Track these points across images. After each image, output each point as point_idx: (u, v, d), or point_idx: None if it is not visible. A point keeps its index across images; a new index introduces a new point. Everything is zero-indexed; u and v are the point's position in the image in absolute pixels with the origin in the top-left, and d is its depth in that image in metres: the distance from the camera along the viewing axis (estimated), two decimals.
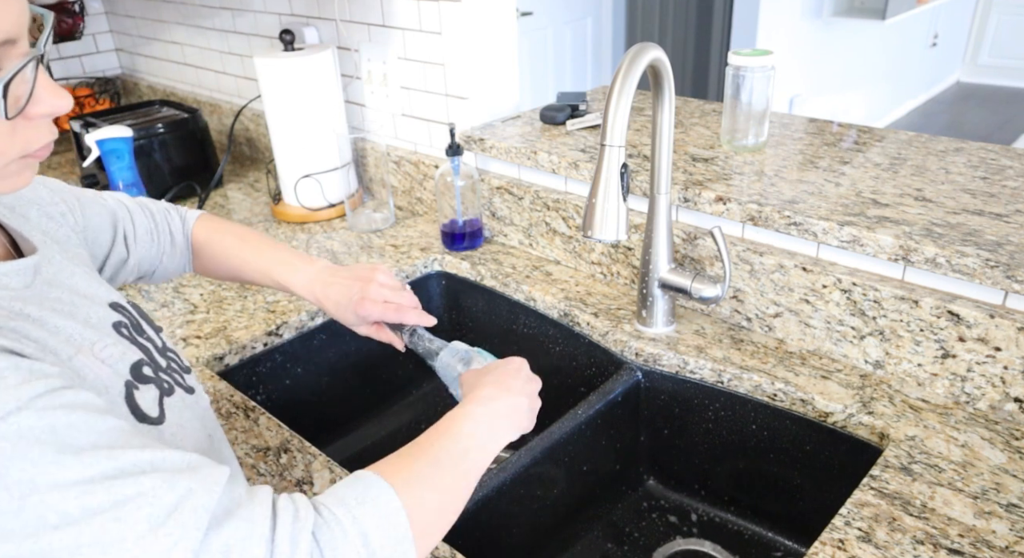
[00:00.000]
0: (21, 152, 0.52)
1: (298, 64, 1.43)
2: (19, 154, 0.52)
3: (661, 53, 0.88)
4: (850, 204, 0.98)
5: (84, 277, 0.65)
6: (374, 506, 0.54)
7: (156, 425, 0.59)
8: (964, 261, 0.85)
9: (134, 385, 0.58)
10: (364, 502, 0.54)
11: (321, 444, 1.24)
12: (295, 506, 0.52)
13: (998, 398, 0.87)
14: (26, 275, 0.58)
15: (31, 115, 0.51)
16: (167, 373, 0.64)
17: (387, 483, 0.56)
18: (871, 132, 1.24)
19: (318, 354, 1.23)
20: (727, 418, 1.01)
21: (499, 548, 0.93)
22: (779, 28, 3.54)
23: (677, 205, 1.09)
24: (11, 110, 0.50)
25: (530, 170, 1.31)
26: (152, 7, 2.13)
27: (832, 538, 0.73)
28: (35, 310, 0.55)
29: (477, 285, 1.31)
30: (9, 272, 0.56)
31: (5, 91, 0.48)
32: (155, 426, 0.58)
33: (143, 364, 0.61)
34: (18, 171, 0.53)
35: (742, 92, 1.14)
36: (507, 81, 1.42)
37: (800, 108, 3.80)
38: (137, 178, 1.30)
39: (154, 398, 0.59)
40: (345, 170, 1.53)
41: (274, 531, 0.49)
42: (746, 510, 1.06)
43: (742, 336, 1.05)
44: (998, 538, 0.72)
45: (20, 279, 0.57)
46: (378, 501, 0.54)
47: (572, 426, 0.97)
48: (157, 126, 1.67)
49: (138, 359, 0.61)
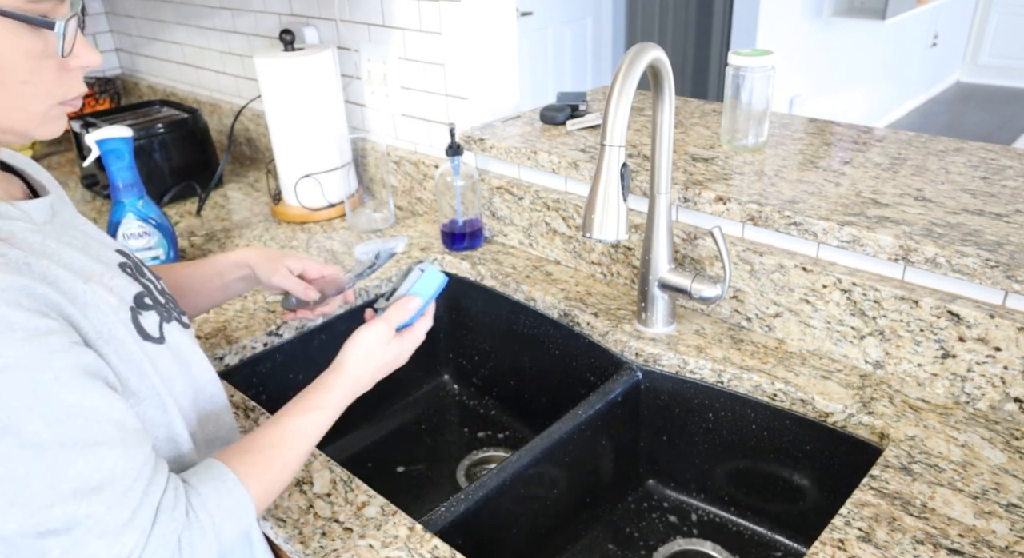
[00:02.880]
0: (62, 98, 0.62)
1: (298, 64, 1.43)
2: (60, 99, 0.62)
3: (661, 53, 0.88)
4: (850, 204, 0.98)
5: (93, 228, 0.74)
6: (231, 509, 0.64)
7: (158, 344, 0.67)
8: (964, 261, 0.85)
9: (138, 311, 0.67)
10: (222, 506, 0.63)
11: (321, 444, 1.23)
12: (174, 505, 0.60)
13: (998, 398, 0.87)
14: (46, 212, 0.66)
15: (71, 66, 0.61)
16: (165, 308, 0.72)
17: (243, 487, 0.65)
18: (871, 132, 1.24)
19: (318, 354, 1.23)
20: (727, 418, 1.01)
21: (499, 548, 0.93)
22: (779, 28, 3.54)
23: (677, 205, 1.09)
24: (67, 49, 0.59)
25: (530, 170, 1.31)
26: (152, 7, 2.13)
27: (832, 538, 0.73)
28: (54, 244, 0.62)
29: (477, 285, 1.31)
30: (32, 209, 0.64)
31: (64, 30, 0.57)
32: (157, 344, 0.67)
33: (144, 295, 0.69)
34: (57, 116, 0.63)
35: (742, 92, 1.14)
36: (507, 81, 1.42)
37: (800, 108, 3.80)
38: (137, 178, 1.29)
39: (155, 322, 0.68)
40: (345, 170, 1.53)
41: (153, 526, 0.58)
42: (746, 510, 1.06)
43: (742, 336, 1.05)
44: (998, 538, 0.72)
45: (42, 215, 0.65)
46: (235, 504, 0.64)
47: (572, 426, 0.97)
48: (157, 126, 1.67)
49: (140, 291, 0.69)
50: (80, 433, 0.55)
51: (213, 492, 0.64)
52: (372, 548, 0.77)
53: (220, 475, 0.65)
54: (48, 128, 0.62)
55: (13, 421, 0.52)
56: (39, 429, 0.53)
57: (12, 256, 0.57)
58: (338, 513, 0.82)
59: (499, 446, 1.29)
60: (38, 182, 0.71)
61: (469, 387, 1.41)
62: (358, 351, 0.80)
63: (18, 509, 0.53)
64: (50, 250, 0.62)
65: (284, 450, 0.71)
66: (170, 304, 0.74)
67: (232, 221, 1.58)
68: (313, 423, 0.74)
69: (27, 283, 0.55)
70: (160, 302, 0.72)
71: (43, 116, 0.61)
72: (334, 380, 0.77)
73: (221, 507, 0.63)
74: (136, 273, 0.72)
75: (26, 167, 0.72)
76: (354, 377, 0.79)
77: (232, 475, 0.66)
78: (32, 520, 0.53)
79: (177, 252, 1.37)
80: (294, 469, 0.71)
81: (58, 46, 0.58)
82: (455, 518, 0.83)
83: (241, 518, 0.65)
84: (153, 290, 0.72)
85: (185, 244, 1.47)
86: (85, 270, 0.63)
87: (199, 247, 1.46)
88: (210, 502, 0.63)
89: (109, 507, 0.56)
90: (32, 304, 0.55)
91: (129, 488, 0.57)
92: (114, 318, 0.63)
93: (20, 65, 0.57)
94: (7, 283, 0.54)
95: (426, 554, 0.75)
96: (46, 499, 0.53)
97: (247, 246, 1.12)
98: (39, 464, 0.53)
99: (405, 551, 0.76)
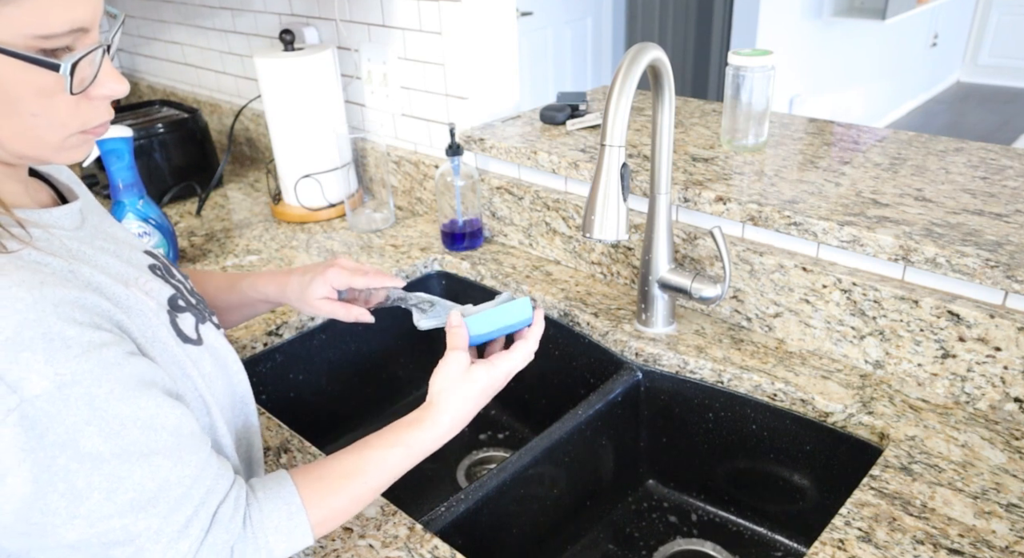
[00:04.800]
0: (81, 128, 0.60)
1: (298, 64, 1.43)
2: (79, 129, 0.60)
3: (661, 53, 0.88)
4: (850, 204, 0.98)
5: (121, 229, 0.74)
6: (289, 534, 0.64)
7: (196, 345, 0.67)
8: (964, 261, 0.85)
9: (174, 314, 0.67)
10: (281, 531, 0.63)
11: (321, 444, 1.23)
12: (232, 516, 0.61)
13: (998, 398, 0.87)
14: (75, 217, 0.65)
15: (93, 96, 0.59)
16: (197, 309, 0.72)
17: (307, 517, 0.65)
18: (871, 132, 1.24)
19: (318, 354, 1.23)
20: (727, 418, 1.01)
21: (499, 548, 0.93)
22: (779, 28, 3.54)
23: (677, 205, 1.09)
24: (76, 87, 0.57)
25: (530, 170, 1.31)
26: (152, 7, 2.13)
27: (832, 538, 0.73)
28: (88, 249, 0.63)
29: (477, 285, 1.31)
30: (62, 216, 0.64)
31: (72, 70, 0.56)
32: (196, 346, 0.67)
33: (177, 298, 0.69)
34: (77, 145, 0.61)
35: (742, 92, 1.14)
36: (507, 81, 1.42)
37: (800, 108, 3.80)
38: (137, 178, 1.29)
39: (192, 324, 0.68)
40: (345, 170, 1.53)
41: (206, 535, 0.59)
42: (746, 510, 1.06)
43: (742, 336, 1.05)
44: (998, 538, 0.72)
45: (71, 221, 0.65)
46: (295, 531, 0.64)
47: (572, 426, 0.97)
48: (157, 126, 1.67)
49: (173, 293, 0.69)
50: (136, 443, 0.55)
51: (275, 511, 0.64)
52: (372, 548, 0.77)
53: (287, 496, 0.65)
54: (67, 155, 0.61)
55: (72, 436, 0.52)
56: (97, 442, 0.53)
57: (56, 266, 0.57)
58: None
59: (499, 446, 1.29)
60: (66, 186, 0.71)
61: None
62: (442, 385, 0.75)
63: (80, 521, 0.53)
64: (88, 256, 0.62)
65: (358, 483, 0.69)
66: (201, 305, 0.74)
67: (232, 221, 1.58)
68: (396, 458, 0.71)
69: (77, 295, 0.55)
70: (192, 303, 0.71)
71: (59, 145, 0.60)
72: (427, 416, 0.74)
73: (279, 529, 0.63)
74: (166, 274, 0.72)
75: (52, 171, 0.71)
76: (449, 414, 0.74)
77: (298, 499, 0.65)
78: (93, 531, 0.54)
79: (177, 252, 1.37)
80: (363, 503, 0.70)
81: (66, 85, 0.56)
82: (455, 518, 0.83)
83: (295, 543, 0.65)
84: (184, 291, 0.72)
85: (185, 244, 1.47)
86: (123, 275, 0.64)
87: (199, 247, 1.46)
88: (269, 521, 0.63)
89: (165, 517, 0.56)
90: (85, 317, 0.55)
91: (185, 496, 0.58)
92: (156, 321, 0.63)
93: (29, 100, 0.56)
94: (59, 297, 0.54)
95: (426, 554, 0.75)
96: (105, 511, 0.54)
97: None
98: (97, 476, 0.53)
99: (405, 551, 0.76)
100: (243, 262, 1.38)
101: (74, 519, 0.53)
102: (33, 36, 0.53)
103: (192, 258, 1.41)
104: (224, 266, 1.37)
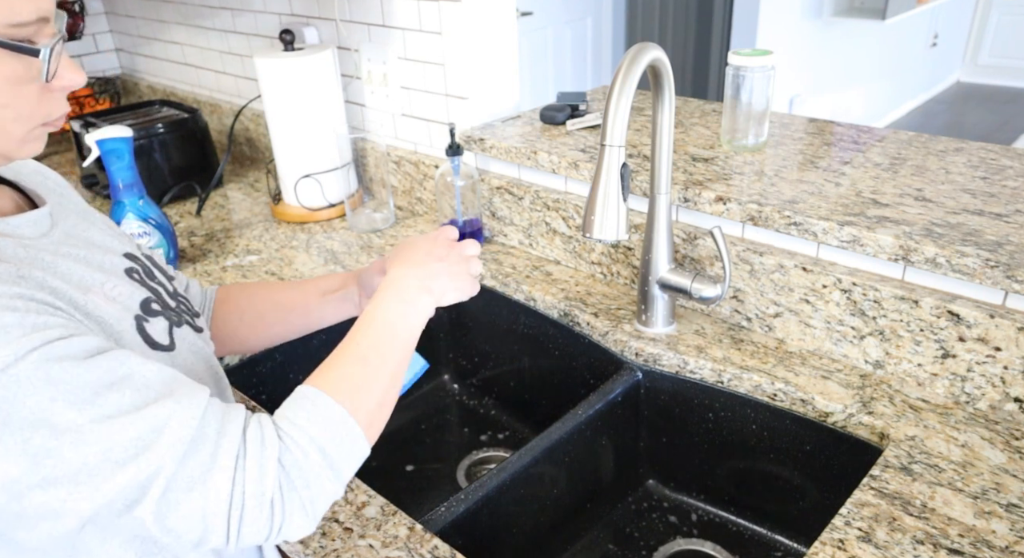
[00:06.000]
0: (44, 119, 0.61)
1: (298, 64, 1.43)
2: (41, 121, 0.61)
3: (661, 53, 0.88)
4: (850, 204, 0.98)
5: (99, 232, 0.72)
6: (323, 419, 0.61)
7: (168, 351, 0.66)
8: (964, 261, 0.85)
9: (144, 318, 0.65)
10: (314, 419, 0.61)
11: None
12: (262, 434, 0.58)
13: (998, 398, 0.87)
14: (41, 225, 0.65)
15: (54, 87, 0.60)
16: (175, 312, 0.71)
17: (328, 396, 0.62)
18: (871, 132, 1.24)
19: (318, 354, 1.22)
20: (727, 418, 1.01)
21: (499, 548, 0.93)
22: (779, 28, 3.54)
23: (677, 205, 1.09)
24: (50, 75, 0.58)
25: (530, 170, 1.31)
26: (152, 7, 2.13)
27: (832, 538, 0.73)
28: (48, 256, 0.62)
29: None
30: (22, 224, 0.63)
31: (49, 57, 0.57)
32: (167, 352, 0.66)
33: (152, 301, 0.68)
34: (38, 137, 0.62)
35: (742, 92, 1.14)
36: (507, 81, 1.42)
37: (800, 108, 3.80)
38: (137, 178, 1.29)
39: (164, 328, 0.67)
40: (345, 170, 1.53)
41: (244, 460, 0.56)
42: (746, 510, 1.06)
43: (742, 336, 1.05)
44: (998, 538, 0.72)
45: (35, 229, 0.64)
46: (325, 414, 0.61)
47: (572, 426, 0.97)
48: (157, 126, 1.67)
49: (147, 297, 0.68)
50: (117, 404, 0.54)
51: (296, 408, 0.61)
52: (372, 548, 0.77)
53: (299, 394, 0.63)
54: (28, 148, 0.61)
55: (40, 414, 0.51)
56: (70, 414, 0.52)
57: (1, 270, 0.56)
58: (338, 513, 0.82)
59: (499, 446, 1.29)
60: (34, 192, 0.70)
61: (469, 387, 1.41)
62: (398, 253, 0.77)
63: (84, 488, 0.53)
64: (45, 263, 0.61)
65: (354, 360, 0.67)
66: (182, 306, 0.73)
67: (232, 221, 1.58)
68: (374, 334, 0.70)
69: (23, 291, 0.55)
70: (170, 306, 0.70)
71: (24, 137, 0.60)
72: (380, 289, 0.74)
73: (312, 420, 0.60)
74: (145, 277, 0.71)
75: (19, 177, 0.71)
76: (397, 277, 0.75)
77: (310, 388, 0.63)
78: (100, 495, 0.53)
79: (177, 252, 1.37)
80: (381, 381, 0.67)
81: (43, 72, 0.57)
82: (455, 518, 0.83)
83: (338, 429, 0.61)
84: (163, 294, 0.71)
85: (185, 244, 1.47)
86: (84, 282, 0.62)
87: (199, 247, 1.46)
88: (299, 418, 0.60)
89: (180, 460, 0.54)
90: (27, 306, 0.54)
91: (198, 434, 0.55)
92: (119, 328, 0.62)
93: (1, 90, 0.56)
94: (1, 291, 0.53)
95: (426, 554, 0.75)
96: (105, 472, 0.53)
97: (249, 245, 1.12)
98: (84, 445, 0.52)
99: (405, 551, 0.76)
100: (243, 262, 1.38)
101: (78, 488, 0.52)
102: (6, 24, 0.54)
103: (192, 258, 1.41)
104: (224, 266, 1.37)
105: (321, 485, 0.59)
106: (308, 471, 0.58)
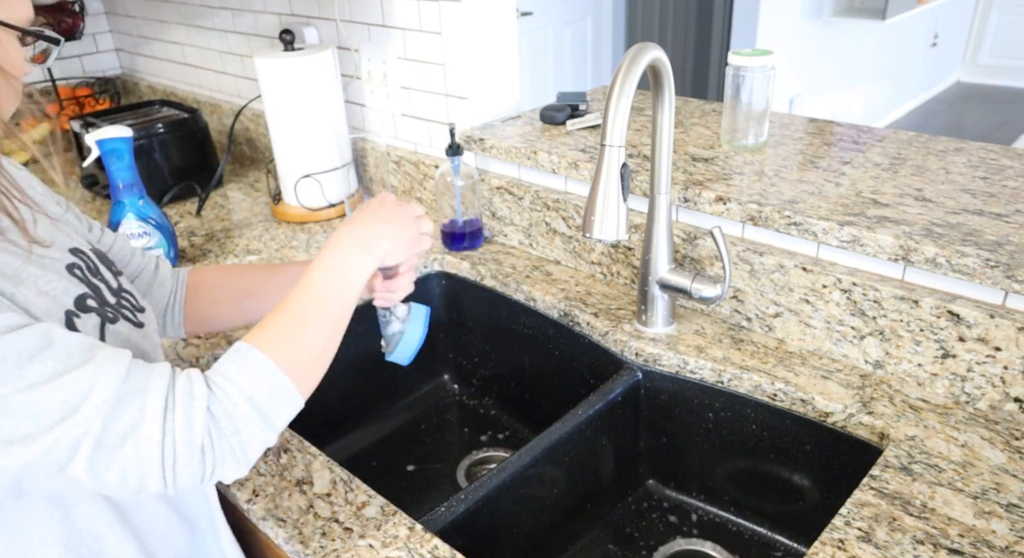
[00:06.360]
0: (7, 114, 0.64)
1: (298, 64, 1.43)
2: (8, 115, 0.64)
3: (661, 53, 0.88)
4: (850, 204, 0.98)
5: (46, 227, 0.72)
6: (254, 372, 0.64)
7: None
8: (964, 261, 0.85)
9: (75, 314, 0.66)
10: (244, 372, 0.63)
11: (321, 444, 1.23)
12: (191, 385, 0.61)
13: (998, 398, 0.87)
14: None
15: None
16: (114, 309, 0.71)
17: (260, 352, 0.65)
18: (871, 132, 1.24)
19: None
20: (727, 418, 1.01)
21: (499, 548, 0.93)
22: (779, 28, 3.54)
23: (677, 205, 1.09)
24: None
25: (530, 170, 1.31)
26: (152, 7, 2.13)
27: (832, 538, 0.73)
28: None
29: (477, 285, 1.31)
30: None
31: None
32: None
33: (87, 297, 0.68)
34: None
35: (742, 92, 1.14)
36: (507, 81, 1.42)
37: (800, 108, 3.80)
38: (137, 178, 1.29)
39: (95, 325, 0.67)
40: (345, 170, 1.53)
41: (173, 411, 0.59)
42: (746, 510, 1.06)
43: (742, 336, 1.05)
44: (998, 538, 0.72)
45: None
46: (256, 367, 0.64)
47: (572, 426, 0.97)
48: (157, 126, 1.67)
49: (83, 293, 0.68)
50: (39, 372, 0.55)
51: (228, 362, 0.64)
52: (372, 548, 0.77)
53: (233, 350, 0.65)
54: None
55: None
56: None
57: None
58: (338, 513, 0.82)
59: (499, 446, 1.29)
60: None
61: (469, 387, 1.41)
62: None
63: (16, 447, 0.55)
64: None
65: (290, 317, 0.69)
66: (124, 302, 0.73)
67: (232, 221, 1.58)
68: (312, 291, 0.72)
69: None
70: (108, 302, 0.71)
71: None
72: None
73: (243, 373, 0.63)
74: (88, 274, 0.71)
75: None
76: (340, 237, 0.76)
77: (244, 344, 0.65)
78: (28, 454, 0.55)
79: (177, 252, 1.37)
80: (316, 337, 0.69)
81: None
82: (455, 518, 0.83)
83: (268, 381, 0.64)
84: (104, 291, 0.71)
85: (185, 244, 1.47)
86: (18, 274, 0.63)
87: (199, 247, 1.46)
88: (230, 371, 0.63)
89: (108, 419, 0.57)
90: None
91: (123, 393, 0.58)
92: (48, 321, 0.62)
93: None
94: None
95: (426, 554, 0.75)
96: (32, 432, 0.55)
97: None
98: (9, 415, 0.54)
99: (405, 551, 0.76)
100: (243, 262, 1.38)
101: (10, 445, 0.55)
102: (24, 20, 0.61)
103: (192, 258, 1.41)
104: None
105: (250, 432, 0.63)
106: (237, 419, 0.62)
